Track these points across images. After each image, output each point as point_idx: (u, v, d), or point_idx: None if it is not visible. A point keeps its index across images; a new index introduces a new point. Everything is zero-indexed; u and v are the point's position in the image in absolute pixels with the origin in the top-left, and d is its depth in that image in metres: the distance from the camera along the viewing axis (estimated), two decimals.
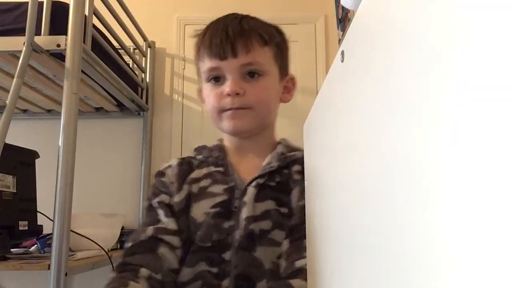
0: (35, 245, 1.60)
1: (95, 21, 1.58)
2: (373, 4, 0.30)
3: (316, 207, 0.52)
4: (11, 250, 1.54)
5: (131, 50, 2.20)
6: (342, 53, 0.38)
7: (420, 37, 0.21)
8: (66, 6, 1.39)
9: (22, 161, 1.64)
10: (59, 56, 1.37)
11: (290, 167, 0.83)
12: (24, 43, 1.27)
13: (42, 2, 1.36)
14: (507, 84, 0.14)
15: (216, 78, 0.82)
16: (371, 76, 0.29)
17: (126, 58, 2.08)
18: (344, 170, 0.38)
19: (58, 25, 1.37)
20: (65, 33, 1.33)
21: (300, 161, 0.81)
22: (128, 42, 2.09)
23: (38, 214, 1.68)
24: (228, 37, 0.79)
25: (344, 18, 1.84)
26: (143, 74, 2.32)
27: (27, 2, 1.31)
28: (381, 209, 0.27)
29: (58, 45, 1.33)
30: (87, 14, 1.44)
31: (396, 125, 0.25)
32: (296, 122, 2.20)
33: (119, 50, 1.94)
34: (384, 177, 0.26)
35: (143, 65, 2.32)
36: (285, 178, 0.82)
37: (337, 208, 0.40)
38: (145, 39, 2.31)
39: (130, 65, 2.14)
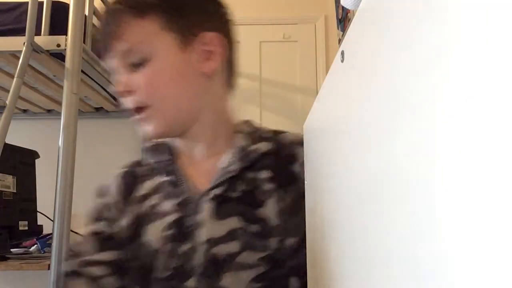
0: (35, 245, 1.60)
1: (95, 21, 1.58)
2: (373, 4, 0.30)
3: (317, 207, 0.52)
4: (11, 250, 1.54)
5: None
6: (342, 53, 0.38)
7: (420, 36, 0.21)
8: (66, 6, 1.39)
9: (22, 161, 1.64)
10: (59, 56, 1.37)
11: (257, 169, 0.66)
12: (24, 43, 1.27)
13: (42, 2, 1.36)
14: (508, 83, 0.14)
15: None
16: (371, 76, 0.29)
17: None
18: (344, 170, 0.38)
19: (58, 25, 1.37)
20: (65, 33, 1.33)
21: (270, 160, 0.66)
22: None
23: (38, 214, 1.68)
24: (100, 33, 0.67)
25: (344, 18, 1.84)
26: None
27: (27, 2, 1.31)
28: (383, 209, 0.27)
29: (58, 45, 1.33)
30: (87, 14, 1.44)
31: (396, 125, 0.25)
32: (296, 122, 2.20)
33: None
34: (385, 177, 0.26)
35: None
36: (252, 186, 0.65)
37: (338, 208, 0.40)
38: None
39: None
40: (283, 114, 2.28)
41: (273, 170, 0.66)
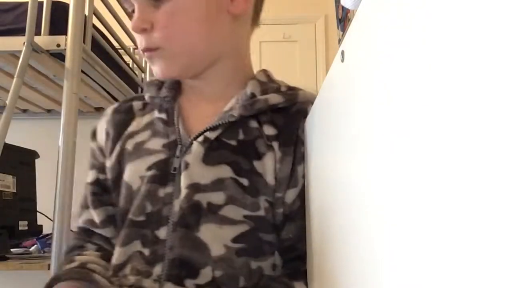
0: (35, 245, 1.60)
1: (95, 21, 1.58)
2: (373, 4, 0.30)
3: (317, 207, 0.52)
4: (11, 250, 1.54)
5: (131, 50, 2.20)
6: (342, 53, 0.38)
7: (420, 36, 0.21)
8: (66, 6, 1.39)
9: (22, 161, 1.64)
10: (59, 56, 1.37)
11: (262, 122, 0.59)
12: (24, 43, 1.27)
13: (42, 2, 1.36)
14: (508, 86, 0.14)
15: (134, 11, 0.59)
16: (371, 76, 0.29)
17: (126, 58, 2.08)
18: (344, 170, 0.38)
19: (58, 25, 1.37)
20: (65, 33, 1.33)
21: (277, 116, 0.60)
22: (128, 42, 2.09)
23: (38, 214, 1.68)
24: None
25: (344, 18, 1.84)
26: (143, 74, 2.32)
27: (27, 2, 1.31)
28: (382, 209, 0.27)
29: (58, 45, 1.33)
30: (87, 14, 1.44)
31: (396, 125, 0.25)
32: None
33: (119, 50, 1.94)
34: (384, 176, 0.26)
35: (143, 65, 2.33)
36: (253, 136, 0.59)
37: (337, 208, 0.40)
38: None
39: (130, 65, 2.14)
40: None
41: (278, 128, 0.60)
